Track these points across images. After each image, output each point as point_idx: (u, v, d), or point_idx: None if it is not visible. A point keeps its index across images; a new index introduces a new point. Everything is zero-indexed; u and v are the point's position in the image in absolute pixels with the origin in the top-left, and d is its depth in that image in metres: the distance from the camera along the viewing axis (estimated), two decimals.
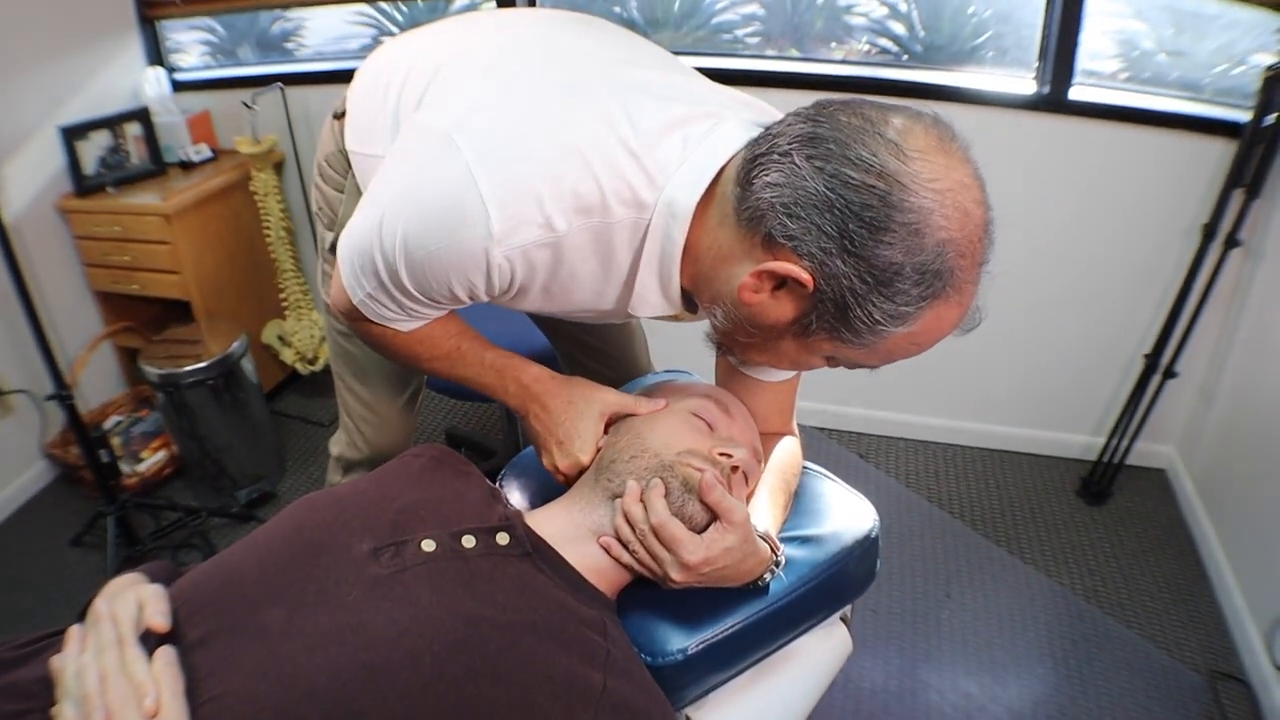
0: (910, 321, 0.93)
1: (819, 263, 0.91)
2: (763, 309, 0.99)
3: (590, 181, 1.00)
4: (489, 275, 1.03)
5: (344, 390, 1.67)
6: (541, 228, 0.99)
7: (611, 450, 1.22)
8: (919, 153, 0.89)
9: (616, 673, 1.00)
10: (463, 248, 1.00)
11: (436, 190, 1.02)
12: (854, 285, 0.90)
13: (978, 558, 2.66)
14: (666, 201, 1.02)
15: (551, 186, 0.99)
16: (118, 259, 2.92)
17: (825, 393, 3.21)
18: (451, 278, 1.05)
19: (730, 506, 1.08)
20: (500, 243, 0.99)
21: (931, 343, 1.00)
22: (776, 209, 0.92)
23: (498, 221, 0.98)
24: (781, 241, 0.92)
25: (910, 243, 0.88)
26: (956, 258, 0.90)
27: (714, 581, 1.11)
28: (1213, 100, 2.62)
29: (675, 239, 1.03)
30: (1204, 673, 2.28)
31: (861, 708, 2.18)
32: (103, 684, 0.83)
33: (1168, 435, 2.97)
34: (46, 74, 2.80)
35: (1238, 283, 2.62)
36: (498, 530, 1.07)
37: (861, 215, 0.87)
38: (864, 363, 1.05)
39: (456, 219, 0.99)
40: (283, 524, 1.07)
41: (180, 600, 0.94)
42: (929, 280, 0.89)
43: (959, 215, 0.89)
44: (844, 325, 0.94)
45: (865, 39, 3.00)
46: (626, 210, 1.02)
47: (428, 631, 0.91)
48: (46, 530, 2.81)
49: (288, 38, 3.45)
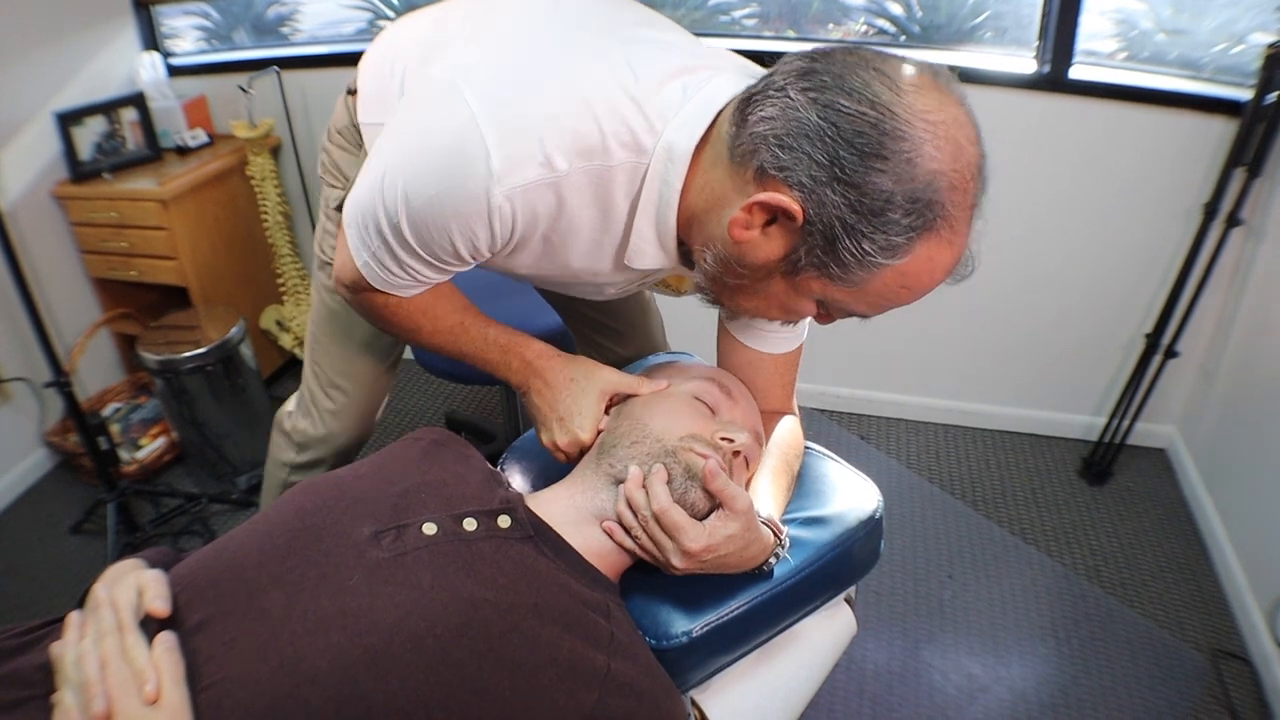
0: (899, 254, 0.91)
1: (809, 192, 0.90)
2: (753, 246, 0.98)
3: (591, 123, 1.00)
4: (490, 220, 1.02)
5: (321, 354, 1.64)
6: (542, 166, 0.99)
7: (613, 434, 1.22)
8: (913, 87, 0.89)
9: (620, 655, 1.00)
10: (464, 189, 1.00)
11: (439, 134, 1.02)
12: (844, 215, 0.89)
13: (980, 539, 2.67)
14: (665, 145, 1.02)
15: (552, 126, 0.99)
16: (114, 245, 2.91)
17: (826, 374, 3.21)
18: (452, 225, 1.04)
19: (733, 495, 1.07)
20: (500, 181, 0.98)
21: (923, 287, 0.97)
22: (769, 141, 0.92)
23: (498, 160, 0.97)
24: (773, 173, 0.92)
25: (902, 171, 0.87)
26: (948, 190, 0.89)
27: (716, 568, 1.11)
28: (1213, 79, 2.61)
29: (672, 183, 1.03)
30: (1206, 651, 2.28)
31: (865, 689, 2.18)
32: (103, 670, 0.83)
33: (1169, 415, 2.97)
34: (41, 60, 2.78)
35: (1239, 262, 2.62)
36: (499, 513, 1.07)
37: (853, 142, 0.87)
38: (854, 308, 1.02)
39: (458, 160, 0.99)
40: (283, 509, 1.06)
41: (180, 585, 0.94)
42: (919, 211, 0.88)
43: (952, 148, 0.88)
44: (833, 259, 0.93)
45: (863, 19, 2.99)
46: (626, 154, 1.02)
47: (430, 615, 0.91)
48: (46, 518, 2.81)
49: (283, 22, 3.43)
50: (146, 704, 0.80)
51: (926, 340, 3.06)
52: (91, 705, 0.80)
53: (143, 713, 0.80)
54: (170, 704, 0.81)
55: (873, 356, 3.16)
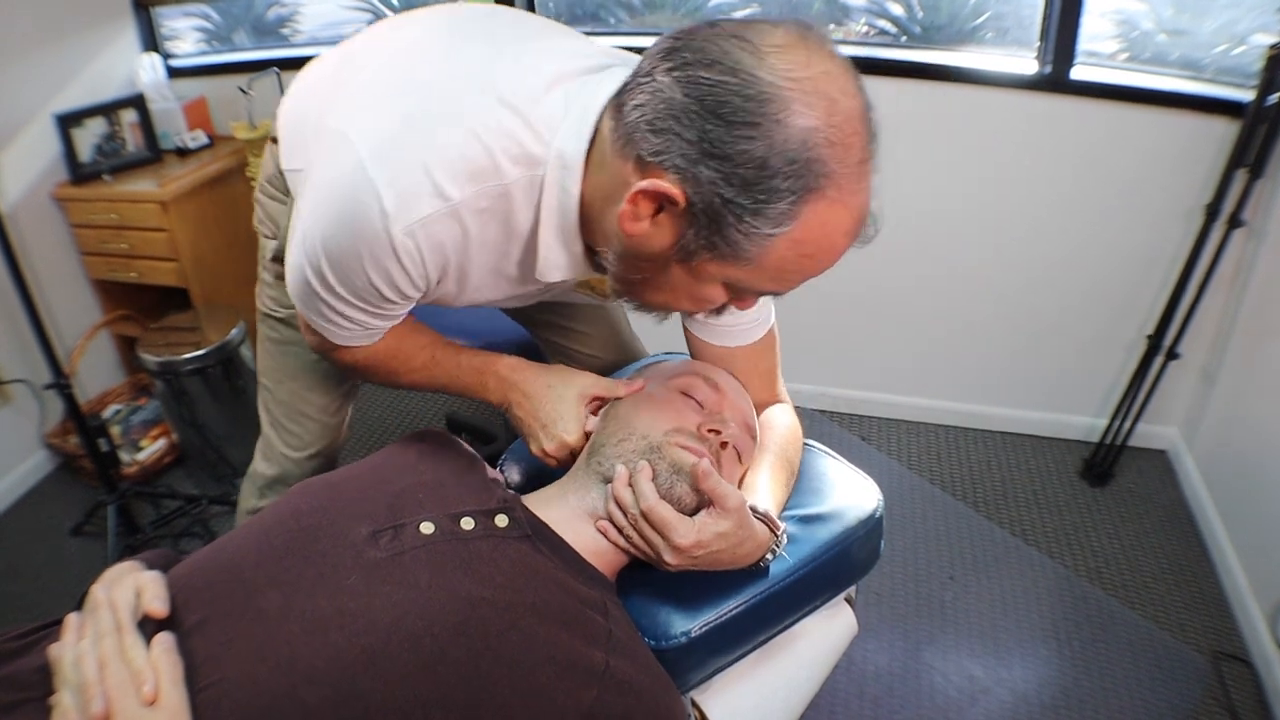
0: (786, 222, 0.88)
1: (685, 173, 0.88)
2: (646, 238, 0.96)
3: (476, 145, 0.99)
4: (398, 258, 1.02)
5: (270, 399, 1.64)
6: (434, 197, 0.99)
7: (601, 433, 1.23)
8: (775, 48, 0.86)
9: (619, 652, 1.00)
10: (366, 232, 1.00)
11: (335, 184, 1.03)
12: (721, 190, 0.87)
13: (981, 540, 2.66)
14: (557, 153, 1.01)
15: (438, 155, 0.99)
16: (114, 247, 2.91)
17: (827, 375, 3.21)
18: (368, 269, 1.04)
19: (724, 494, 1.07)
20: (397, 220, 0.99)
21: (825, 255, 0.94)
22: (642, 128, 0.90)
23: (389, 199, 0.98)
24: (650, 160, 0.90)
25: (773, 134, 0.84)
26: (827, 147, 0.85)
27: (710, 565, 1.11)
28: (1214, 80, 2.60)
29: (570, 190, 1.02)
30: (1207, 653, 2.28)
31: (866, 691, 2.17)
32: (101, 671, 0.82)
33: (1170, 416, 2.96)
34: (41, 61, 2.78)
35: (1240, 263, 2.61)
36: (497, 512, 1.07)
37: (718, 113, 0.85)
38: (761, 286, 0.99)
39: (355, 206, 1.00)
40: (279, 510, 1.07)
41: (178, 586, 0.94)
42: (798, 173, 0.85)
43: (823, 102, 0.85)
44: (721, 238, 0.90)
45: (864, 20, 2.99)
46: (519, 169, 1.01)
47: (427, 614, 0.91)
48: (47, 520, 2.81)
49: (283, 23, 3.43)
50: (145, 704, 0.80)
51: (928, 341, 3.06)
52: (90, 706, 0.79)
53: (141, 713, 0.80)
54: (168, 704, 0.81)
55: (874, 358, 3.15)
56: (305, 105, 1.28)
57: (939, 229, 2.84)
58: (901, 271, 2.93)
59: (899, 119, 2.70)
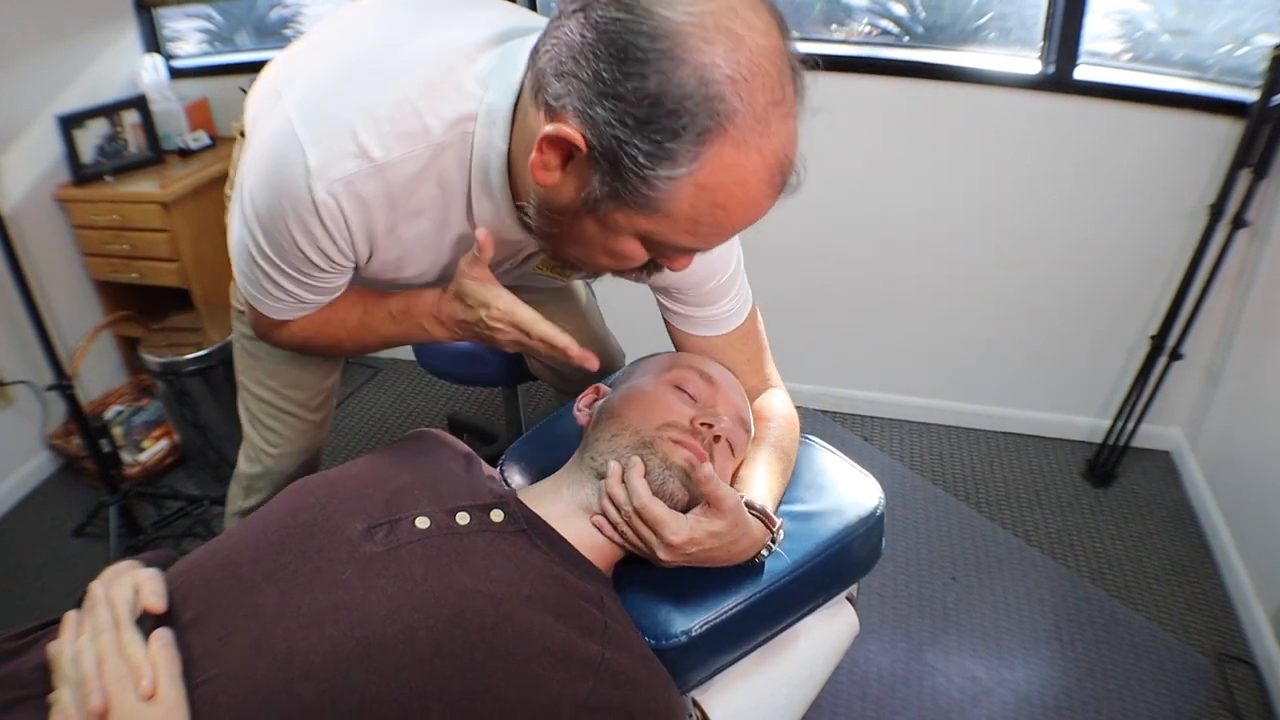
0: (683, 162, 0.84)
1: (583, 116, 0.85)
2: (557, 190, 0.93)
3: (406, 106, 0.98)
4: (320, 218, 1.01)
5: (249, 398, 1.63)
6: (357, 158, 0.98)
7: (594, 429, 1.23)
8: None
9: (615, 644, 1.01)
10: (290, 190, 0.99)
11: (266, 142, 1.03)
12: (616, 131, 0.83)
13: (983, 541, 2.66)
14: (486, 109, 0.99)
15: (365, 116, 0.98)
16: (116, 248, 2.91)
17: (829, 376, 3.20)
18: (292, 229, 1.03)
19: (722, 495, 1.07)
20: (319, 177, 0.98)
21: (739, 206, 0.89)
22: (548, 73, 0.88)
23: (313, 157, 0.97)
24: (554, 104, 0.87)
25: (666, 69, 0.80)
26: (728, 84, 0.81)
27: (704, 561, 1.11)
28: (1218, 80, 2.60)
29: (497, 144, 0.99)
30: (1210, 655, 2.27)
31: (868, 692, 2.17)
32: (99, 666, 0.83)
33: (1174, 417, 2.95)
34: (43, 63, 2.78)
35: (1244, 264, 2.60)
36: (492, 507, 1.08)
37: (610, 50, 0.82)
38: (676, 239, 0.94)
39: (280, 163, 1.00)
40: (276, 508, 1.07)
41: (176, 583, 0.95)
42: (694, 110, 0.81)
43: (726, 38, 0.81)
44: (622, 184, 0.87)
45: (866, 20, 2.98)
46: (449, 129, 1.00)
47: (423, 607, 0.92)
48: (49, 521, 2.81)
49: (285, 24, 3.43)
50: (143, 699, 0.80)
51: (930, 342, 3.06)
52: (88, 700, 0.80)
53: (139, 708, 0.80)
54: (166, 699, 0.81)
55: (876, 358, 3.15)
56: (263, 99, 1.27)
57: (942, 229, 2.83)
58: (904, 271, 2.93)
59: (902, 119, 2.70)
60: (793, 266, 2.97)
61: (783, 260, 2.92)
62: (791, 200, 0.95)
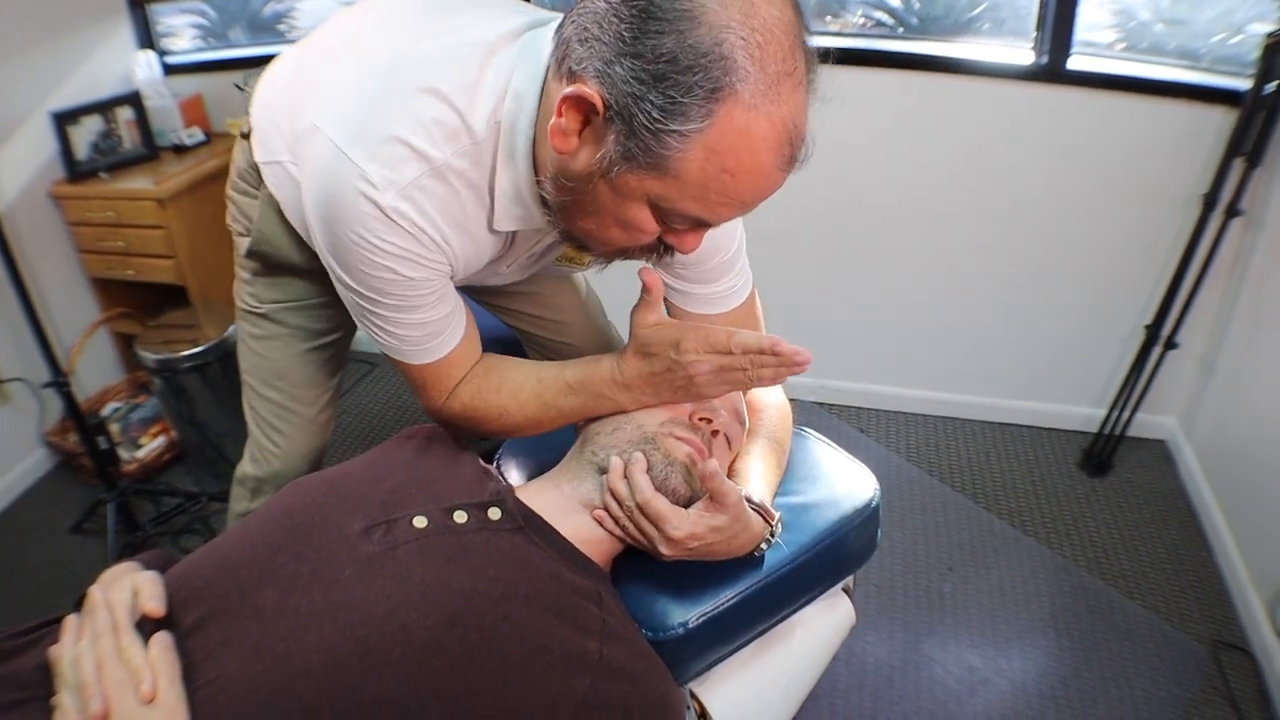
0: (695, 119, 0.86)
1: (602, 75, 0.88)
2: (574, 157, 0.96)
3: (445, 107, 1.01)
4: (399, 226, 1.02)
5: (256, 399, 1.64)
6: (417, 160, 1.00)
7: (595, 423, 1.24)
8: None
9: (612, 640, 1.01)
10: (356, 213, 1.01)
11: (320, 178, 1.05)
12: (632, 87, 0.86)
13: (980, 531, 2.66)
14: (513, 93, 1.01)
15: (412, 122, 1.00)
16: (112, 245, 2.91)
17: (825, 368, 3.21)
18: (372, 255, 1.05)
19: (725, 490, 1.08)
20: (385, 189, 1.00)
21: (748, 173, 0.91)
22: (571, 41, 0.91)
23: (373, 172, 0.99)
24: (577, 70, 0.91)
25: (683, 27, 0.84)
26: (741, 46, 0.84)
27: (704, 556, 1.12)
28: (1212, 69, 2.60)
29: (521, 128, 1.02)
30: (1207, 643, 2.28)
31: (866, 682, 2.18)
32: (99, 671, 0.83)
33: (1169, 406, 2.96)
34: (37, 59, 2.78)
35: (1238, 252, 2.61)
36: (489, 505, 1.08)
37: (632, 12, 0.86)
38: (685, 206, 0.95)
39: (340, 191, 1.01)
40: (273, 508, 1.08)
41: (175, 586, 0.95)
42: (705, 67, 0.84)
43: (742, 5, 0.84)
44: (635, 142, 0.89)
45: (861, 12, 2.98)
46: (488, 124, 1.02)
47: (421, 606, 0.92)
48: (46, 518, 2.81)
49: (280, 19, 3.42)
50: (143, 703, 0.81)
51: (925, 333, 3.06)
52: (89, 705, 0.80)
53: (139, 712, 0.80)
54: (166, 702, 0.82)
55: (871, 350, 3.15)
56: (271, 97, 1.29)
57: (936, 220, 2.84)
58: (899, 262, 2.94)
59: (896, 110, 2.71)
60: (787, 258, 2.97)
61: (777, 251, 2.93)
62: (786, 190, 0.97)
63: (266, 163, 1.31)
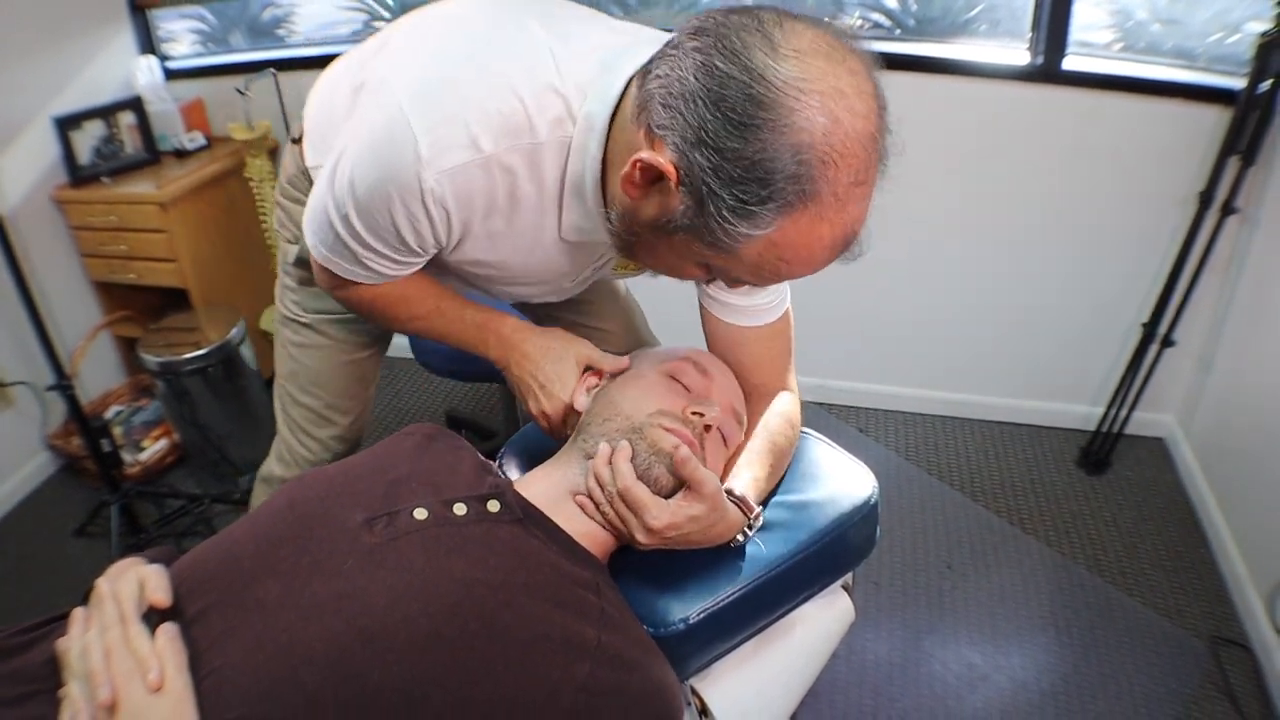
0: (762, 225, 0.88)
1: (681, 153, 0.89)
2: (640, 204, 0.98)
3: (514, 102, 1.03)
4: (425, 202, 1.05)
5: (291, 405, 1.65)
6: (468, 149, 1.02)
7: (589, 413, 1.25)
8: (795, 52, 0.86)
9: (611, 628, 1.02)
10: (399, 175, 1.04)
11: (375, 126, 1.07)
12: (709, 180, 0.88)
13: (979, 529, 2.67)
14: (585, 116, 1.04)
15: (476, 110, 1.02)
16: (114, 248, 2.92)
17: (824, 368, 3.21)
18: (394, 212, 1.08)
19: (702, 479, 1.10)
20: (430, 165, 1.02)
21: (803, 264, 0.95)
22: (656, 98, 0.92)
23: (425, 145, 1.02)
24: (656, 132, 0.92)
25: (765, 139, 0.84)
26: (819, 165, 0.85)
27: (680, 545, 1.13)
28: (1207, 68, 2.61)
29: (593, 152, 1.04)
30: (1205, 638, 2.29)
31: (866, 679, 2.19)
32: (107, 660, 0.84)
33: (1166, 404, 2.97)
34: (39, 65, 2.79)
35: (1234, 250, 2.62)
36: (489, 498, 1.09)
37: (719, 105, 0.86)
38: (740, 275, 1.01)
39: (391, 148, 1.04)
40: (276, 502, 1.09)
41: (180, 578, 0.96)
42: (781, 183, 0.85)
43: (826, 120, 0.84)
44: (703, 223, 0.91)
45: (858, 13, 2.99)
46: (551, 130, 1.05)
47: (422, 595, 0.94)
48: (50, 521, 2.82)
49: (279, 24, 3.43)
50: (150, 691, 0.82)
51: (924, 332, 3.07)
52: (97, 693, 0.81)
53: (147, 700, 0.82)
54: (173, 690, 0.83)
55: (870, 349, 3.16)
56: (333, 100, 1.30)
57: (933, 220, 2.84)
58: (897, 263, 2.94)
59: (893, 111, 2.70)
60: None
61: None
62: None
63: (319, 167, 1.32)
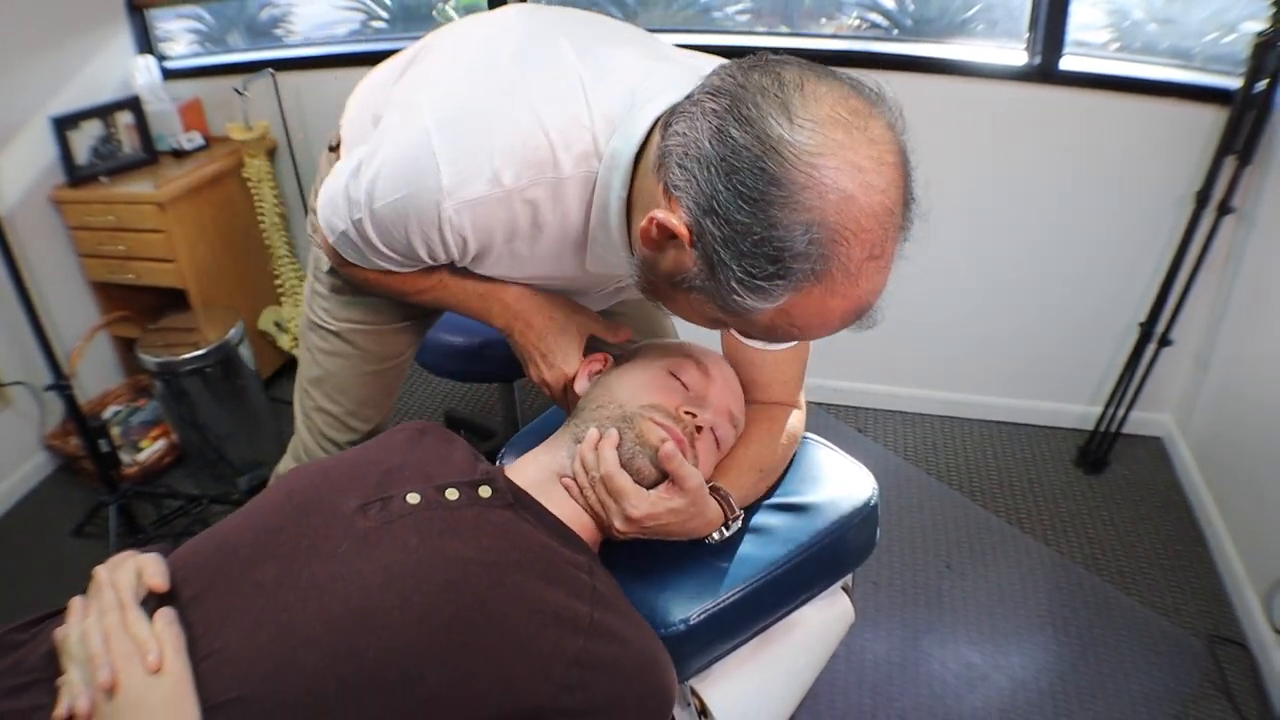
0: (771, 299, 0.87)
1: (694, 218, 0.88)
2: (656, 258, 0.98)
3: (540, 137, 1.03)
4: (442, 230, 1.07)
5: (313, 409, 1.64)
6: (490, 183, 1.03)
7: (585, 399, 1.27)
8: (812, 123, 0.82)
9: (603, 606, 1.04)
10: (416, 199, 1.05)
11: (401, 145, 1.08)
12: (720, 250, 0.87)
13: (977, 529, 2.68)
14: (610, 153, 1.03)
15: (501, 143, 1.03)
16: (112, 249, 2.92)
17: (822, 368, 3.20)
18: (410, 232, 1.09)
19: (686, 474, 1.11)
20: (450, 195, 1.03)
21: (815, 331, 0.94)
22: (673, 156, 0.91)
23: (447, 176, 1.02)
24: (673, 192, 0.90)
25: (775, 216, 0.82)
26: (830, 243, 0.82)
27: (658, 535, 1.15)
28: (1204, 68, 2.61)
29: (617, 189, 1.04)
30: (1203, 637, 2.29)
31: (865, 679, 2.19)
32: (106, 644, 0.86)
33: (1164, 403, 2.98)
34: (36, 65, 2.79)
35: (1230, 250, 2.63)
36: (480, 484, 1.11)
37: (731, 177, 0.84)
38: (750, 334, 1.01)
39: (414, 173, 1.05)
40: (272, 493, 1.11)
41: (177, 566, 0.98)
42: (790, 260, 0.83)
43: (838, 198, 0.81)
44: (714, 288, 0.91)
45: (855, 14, 2.99)
46: (576, 165, 1.04)
47: (417, 574, 0.95)
48: (48, 521, 2.82)
49: (276, 24, 3.44)
50: (150, 673, 0.83)
51: (922, 332, 3.07)
52: (97, 675, 0.83)
53: (146, 682, 0.83)
54: (172, 671, 0.84)
55: (868, 349, 3.15)
56: (367, 101, 1.31)
57: (931, 220, 2.84)
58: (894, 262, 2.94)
59: None
60: None
61: None
62: None
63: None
